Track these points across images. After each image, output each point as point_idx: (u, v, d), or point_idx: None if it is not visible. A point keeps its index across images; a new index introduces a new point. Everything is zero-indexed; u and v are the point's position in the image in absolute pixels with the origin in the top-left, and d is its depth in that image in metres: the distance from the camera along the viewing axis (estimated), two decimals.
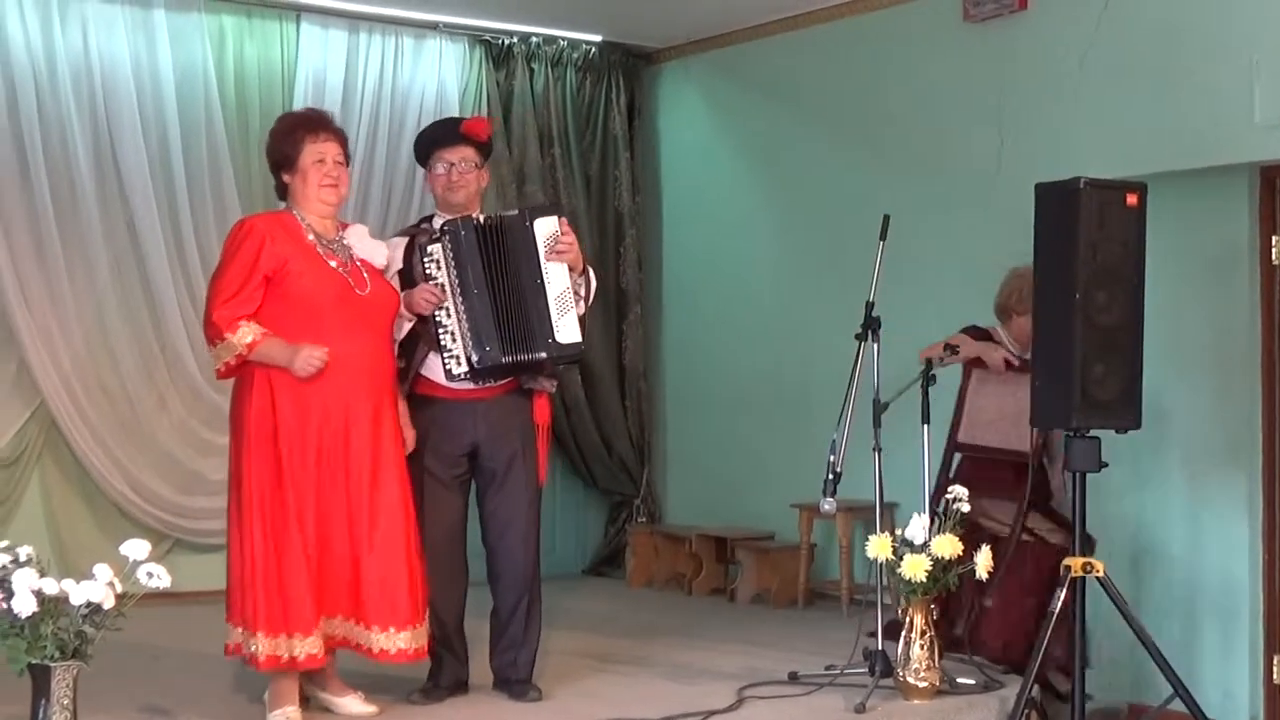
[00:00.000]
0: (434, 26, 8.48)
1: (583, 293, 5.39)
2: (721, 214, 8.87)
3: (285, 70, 8.13)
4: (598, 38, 8.94)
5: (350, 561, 4.90)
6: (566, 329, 5.27)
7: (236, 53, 8.01)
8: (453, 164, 5.37)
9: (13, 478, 7.51)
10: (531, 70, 8.79)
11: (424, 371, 5.30)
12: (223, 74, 7.94)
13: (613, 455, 9.06)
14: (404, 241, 5.38)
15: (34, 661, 3.74)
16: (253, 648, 4.77)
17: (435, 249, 5.23)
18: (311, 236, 4.98)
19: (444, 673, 5.39)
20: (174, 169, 7.76)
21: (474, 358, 5.16)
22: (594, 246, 8.72)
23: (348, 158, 5.16)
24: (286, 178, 5.06)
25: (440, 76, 8.53)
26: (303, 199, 5.04)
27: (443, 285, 5.20)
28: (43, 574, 3.74)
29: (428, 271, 5.23)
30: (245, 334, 4.79)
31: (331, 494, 4.89)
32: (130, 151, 7.64)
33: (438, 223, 5.39)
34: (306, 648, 4.78)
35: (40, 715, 3.79)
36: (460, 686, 5.44)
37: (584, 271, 5.41)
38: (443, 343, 5.20)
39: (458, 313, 5.19)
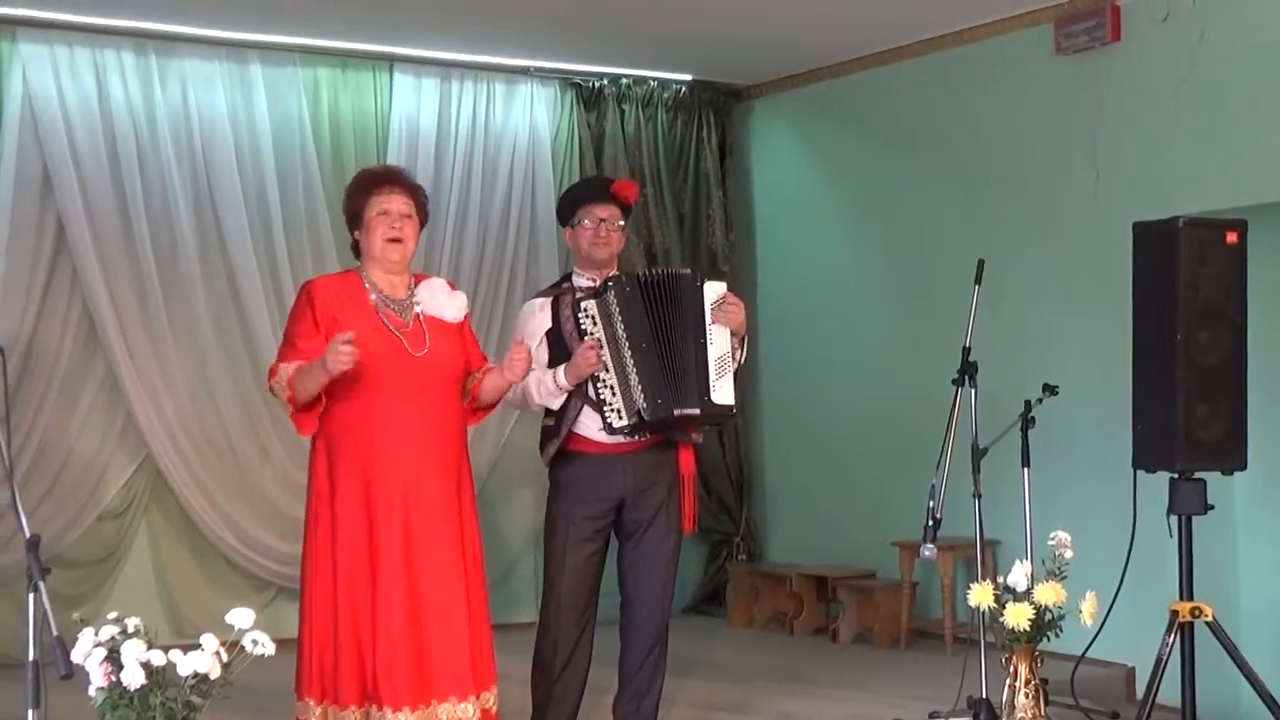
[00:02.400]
0: (525, 71, 8.54)
1: (739, 357, 5.40)
2: (815, 250, 8.85)
3: (379, 119, 8.22)
4: (688, 77, 8.96)
5: (411, 633, 4.70)
6: (722, 390, 5.27)
7: (331, 103, 8.12)
8: (602, 219, 5.37)
9: (121, 528, 7.66)
10: (622, 111, 8.83)
11: (575, 428, 5.29)
12: (318, 125, 8.05)
13: (711, 493, 9.05)
14: (547, 302, 5.38)
15: None
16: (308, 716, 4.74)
17: (590, 305, 5.21)
18: (374, 296, 4.82)
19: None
20: (272, 220, 7.87)
21: (644, 409, 5.15)
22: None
23: (422, 211, 4.96)
24: (356, 235, 4.91)
25: (532, 120, 8.59)
26: (369, 256, 4.87)
27: (600, 340, 5.19)
28: (150, 645, 3.78)
29: (582, 327, 5.21)
30: (283, 374, 4.69)
31: (386, 566, 4.69)
32: (229, 204, 7.76)
33: (579, 280, 5.40)
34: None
35: None
36: None
37: (742, 339, 5.43)
38: (602, 397, 5.18)
39: (621, 367, 5.18)
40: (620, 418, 5.17)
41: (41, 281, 7.40)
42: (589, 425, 5.27)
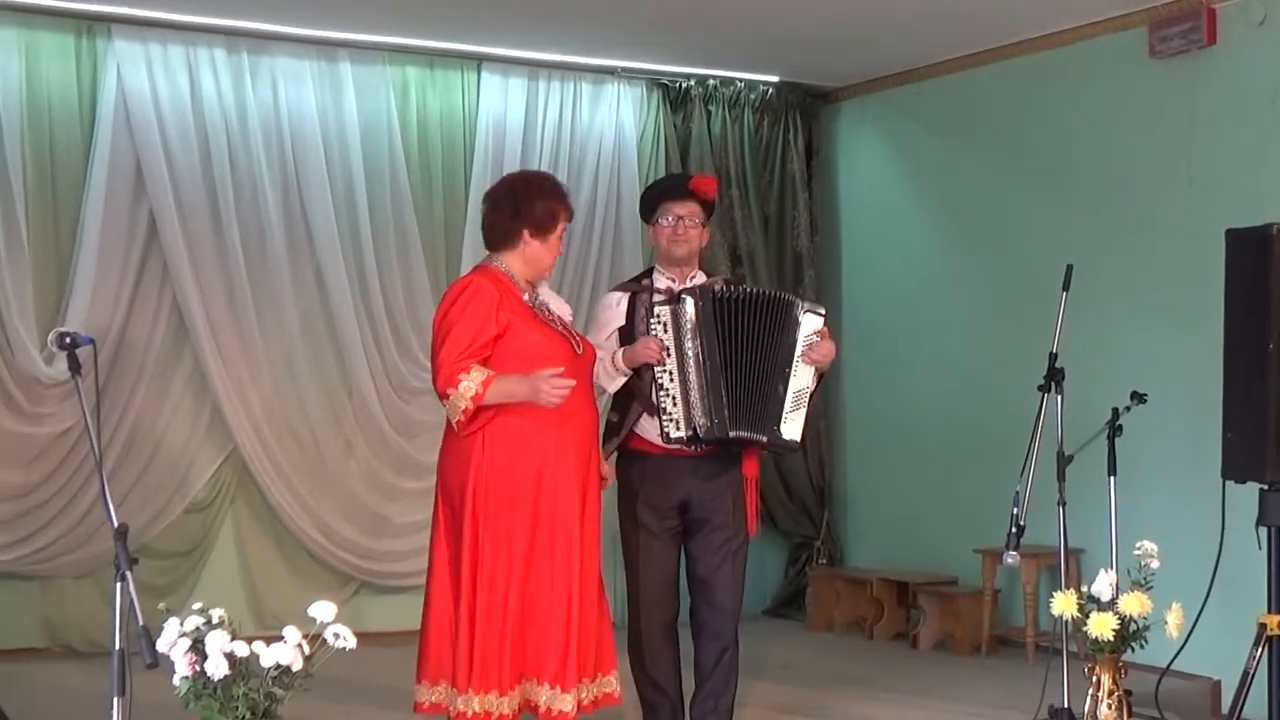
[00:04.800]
0: (612, 71, 8.56)
1: (812, 397, 5.41)
2: (901, 254, 8.79)
3: (467, 118, 8.27)
4: (775, 78, 8.93)
5: (570, 619, 4.85)
6: (793, 425, 5.29)
7: (419, 102, 8.17)
8: (681, 217, 5.38)
9: (207, 520, 7.75)
10: (709, 112, 8.82)
11: (636, 429, 5.32)
12: (406, 124, 8.10)
13: (793, 496, 9.02)
14: (625, 297, 5.40)
15: None
16: (465, 707, 4.76)
17: (664, 311, 5.22)
18: (526, 296, 4.98)
19: (660, 717, 5.46)
20: (359, 218, 7.93)
21: (700, 426, 5.15)
22: (772, 287, 8.70)
23: None
24: (530, 238, 4.96)
25: (618, 120, 8.60)
26: (535, 263, 4.99)
27: (668, 347, 5.20)
28: (234, 636, 3.82)
29: (653, 331, 5.22)
30: (477, 374, 4.76)
31: (560, 555, 4.85)
32: (318, 201, 7.83)
33: (659, 280, 5.41)
34: (508, 705, 4.78)
35: None
36: None
37: (821, 375, 5.43)
38: (662, 405, 5.19)
39: (684, 379, 5.17)
40: (677, 429, 5.18)
41: (133, 276, 7.51)
42: (650, 430, 5.29)
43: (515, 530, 4.81)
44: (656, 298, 5.29)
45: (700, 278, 5.45)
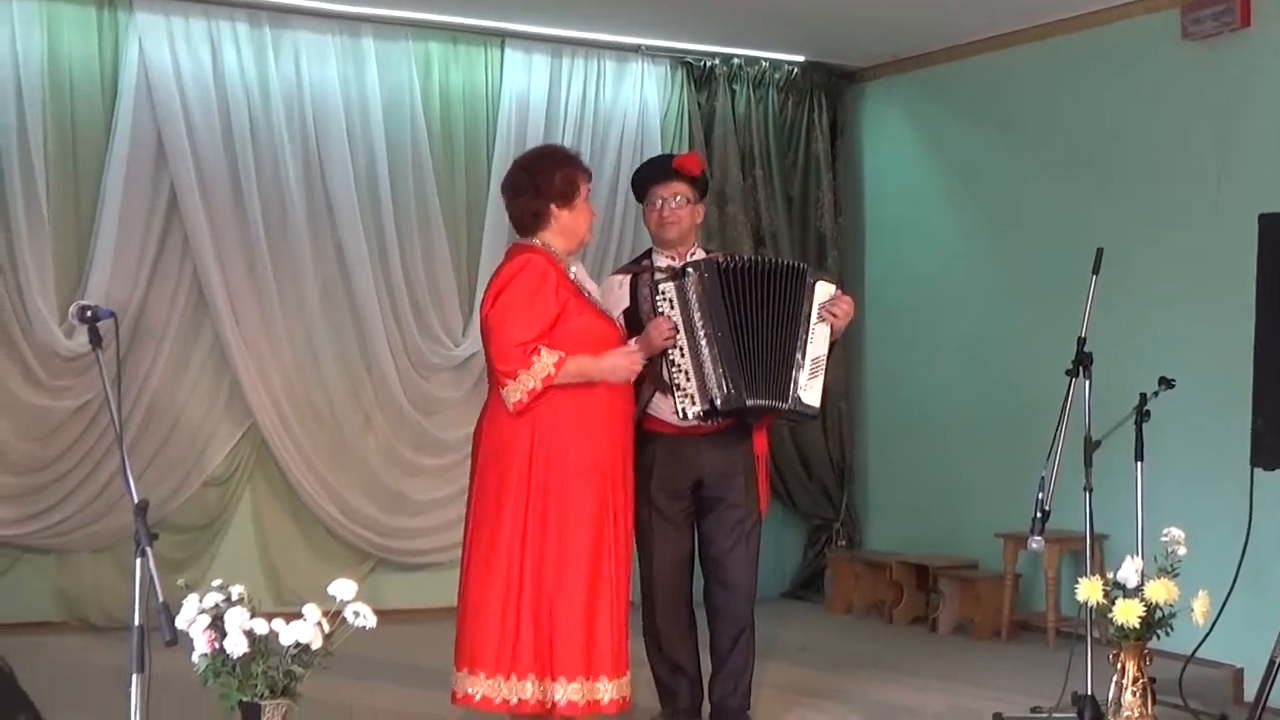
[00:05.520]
0: (636, 49, 8.49)
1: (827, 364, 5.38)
2: (926, 236, 8.73)
3: (490, 95, 8.21)
4: (801, 58, 8.86)
5: (582, 610, 4.83)
6: (812, 391, 5.27)
7: (442, 78, 8.11)
8: (664, 199, 5.36)
9: (225, 495, 7.73)
10: (733, 91, 8.75)
11: (650, 410, 5.29)
12: (429, 99, 8.05)
13: (812, 478, 8.98)
14: (626, 279, 5.37)
15: (245, 700, 3.81)
16: (506, 693, 4.77)
17: (669, 287, 5.18)
18: (571, 274, 4.98)
19: (680, 698, 5.46)
20: (380, 193, 7.89)
21: (717, 398, 5.11)
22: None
23: None
24: (558, 210, 4.95)
25: (642, 98, 8.54)
26: (570, 234, 4.99)
27: (676, 324, 5.16)
28: (254, 613, 3.80)
29: (659, 309, 5.18)
30: (549, 355, 4.74)
31: (580, 538, 4.84)
32: (339, 176, 7.79)
33: (658, 260, 5.39)
34: (533, 692, 4.77)
35: None
36: (696, 712, 5.49)
37: (834, 343, 5.40)
38: (675, 382, 5.16)
39: (696, 353, 5.14)
40: (693, 403, 5.15)
41: (153, 249, 7.48)
42: (663, 408, 5.26)
43: (574, 512, 4.80)
44: (659, 275, 5.26)
45: (700, 255, 5.42)
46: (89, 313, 3.85)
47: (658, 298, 5.19)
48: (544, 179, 4.95)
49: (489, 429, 4.94)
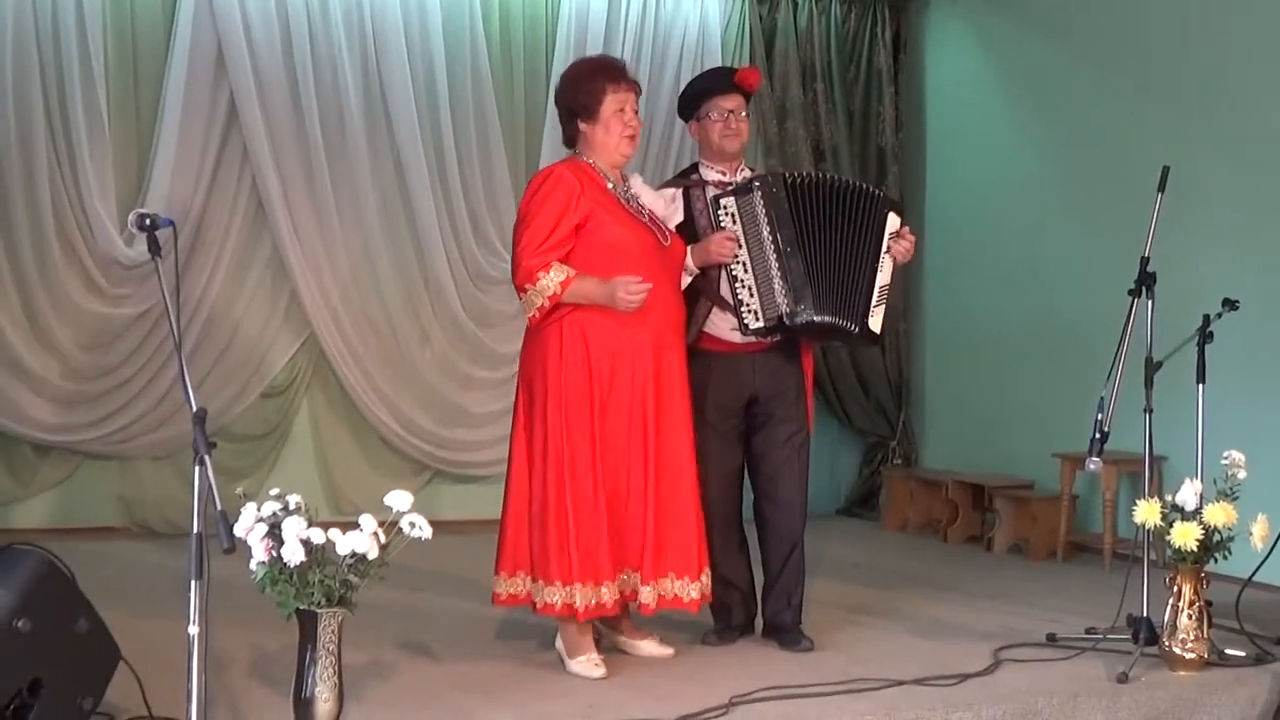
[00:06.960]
0: None
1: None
2: (988, 152, 8.62)
3: (549, 9, 8.18)
4: None
5: (647, 510, 4.85)
6: (876, 319, 5.24)
7: None
8: (731, 111, 5.30)
9: (284, 405, 7.80)
10: (795, 5, 8.66)
11: (705, 328, 5.25)
12: (488, 13, 8.02)
13: (869, 396, 8.95)
14: (678, 193, 5.28)
15: (301, 608, 3.83)
16: (553, 598, 4.74)
17: (730, 202, 5.12)
18: (611, 185, 4.92)
19: (734, 613, 5.45)
20: (439, 106, 7.86)
21: (785, 311, 5.07)
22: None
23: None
24: (584, 126, 4.92)
25: (703, 12, 8.47)
26: (601, 148, 4.92)
27: (738, 239, 5.12)
28: (311, 522, 3.82)
29: (720, 224, 5.13)
30: (557, 274, 4.72)
31: (634, 445, 4.84)
32: (398, 89, 7.77)
33: (706, 174, 5.33)
34: (610, 595, 4.77)
35: (307, 659, 3.89)
36: (749, 625, 5.49)
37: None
38: (739, 297, 5.12)
39: (764, 268, 5.08)
40: (756, 319, 5.11)
41: (212, 159, 7.50)
42: (720, 325, 5.22)
43: (595, 421, 4.78)
44: (717, 190, 5.20)
45: (747, 172, 5.37)
46: (148, 221, 3.85)
47: (720, 212, 5.14)
48: (570, 98, 4.95)
49: (525, 341, 4.99)
